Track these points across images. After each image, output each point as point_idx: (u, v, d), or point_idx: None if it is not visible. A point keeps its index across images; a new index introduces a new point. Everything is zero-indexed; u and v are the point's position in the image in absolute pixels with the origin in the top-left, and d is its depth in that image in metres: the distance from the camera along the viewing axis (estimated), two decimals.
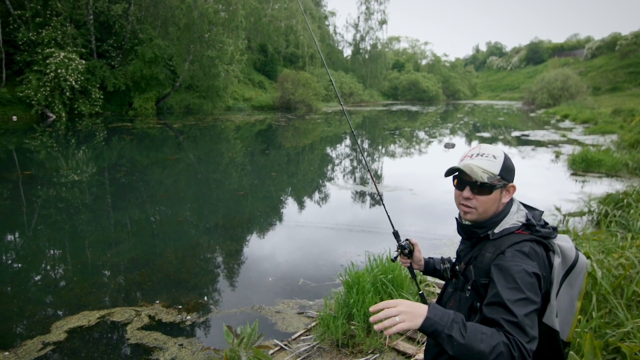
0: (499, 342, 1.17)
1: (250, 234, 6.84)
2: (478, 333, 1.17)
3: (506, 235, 1.39)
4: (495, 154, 1.42)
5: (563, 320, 1.38)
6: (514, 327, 1.21)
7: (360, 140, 19.64)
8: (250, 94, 37.60)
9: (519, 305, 1.22)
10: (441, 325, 1.18)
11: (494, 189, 1.40)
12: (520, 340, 1.18)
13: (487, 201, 1.41)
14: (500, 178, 1.40)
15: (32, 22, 23.94)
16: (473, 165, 1.39)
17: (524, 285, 1.24)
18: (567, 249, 1.38)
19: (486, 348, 1.15)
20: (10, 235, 6.57)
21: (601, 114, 26.14)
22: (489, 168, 1.39)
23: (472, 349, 1.15)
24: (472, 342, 1.15)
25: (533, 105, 44.71)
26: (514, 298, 1.23)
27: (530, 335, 1.20)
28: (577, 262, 1.38)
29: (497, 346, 1.15)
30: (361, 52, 59.75)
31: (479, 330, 1.19)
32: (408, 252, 1.82)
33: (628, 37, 56.78)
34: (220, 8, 28.97)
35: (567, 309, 1.38)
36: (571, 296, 1.38)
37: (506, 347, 1.17)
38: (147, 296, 4.51)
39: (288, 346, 3.57)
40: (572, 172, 11.16)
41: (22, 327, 3.96)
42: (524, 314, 1.21)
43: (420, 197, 8.50)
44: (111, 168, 11.64)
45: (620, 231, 5.13)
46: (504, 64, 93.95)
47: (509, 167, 1.41)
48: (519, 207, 1.47)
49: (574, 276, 1.38)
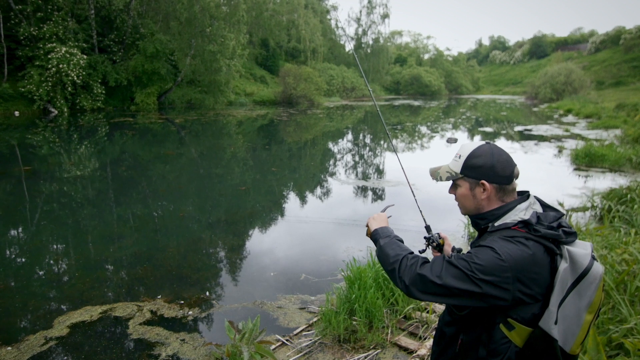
0: (406, 255, 1.44)
1: (252, 229, 6.83)
2: (396, 245, 1.51)
3: (502, 229, 1.40)
4: (462, 154, 1.50)
5: (567, 331, 1.30)
6: (437, 259, 1.38)
7: (361, 136, 19.60)
8: (252, 88, 37.51)
9: (459, 261, 1.33)
10: (380, 235, 1.60)
11: (462, 187, 1.50)
12: (428, 265, 1.36)
13: (460, 197, 1.52)
14: (464, 176, 1.48)
15: (33, 17, 23.87)
16: (443, 166, 1.56)
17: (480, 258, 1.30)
18: (580, 255, 1.30)
19: (392, 253, 1.47)
20: (13, 230, 6.59)
21: (605, 108, 25.99)
22: (453, 167, 1.52)
23: (383, 252, 1.51)
24: (386, 247, 1.51)
25: (536, 99, 44.50)
26: (463, 257, 1.35)
27: (441, 274, 1.32)
28: (588, 272, 1.29)
29: (399, 254, 1.44)
30: (363, 47, 59.49)
31: (399, 244, 1.52)
32: (436, 246, 1.81)
33: (632, 31, 56.35)
34: (221, 2, 28.83)
35: (572, 320, 1.30)
36: (579, 307, 1.30)
37: (407, 259, 1.41)
38: (149, 291, 4.52)
39: (290, 341, 3.57)
40: (575, 167, 11.11)
41: (25, 322, 3.97)
42: (455, 263, 1.32)
43: (422, 192, 8.47)
44: (113, 163, 11.65)
45: (623, 226, 5.10)
46: (507, 58, 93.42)
47: (473, 164, 1.46)
48: (531, 204, 1.43)
49: (584, 286, 1.29)
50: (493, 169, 1.43)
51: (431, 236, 1.82)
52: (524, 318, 1.32)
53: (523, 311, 1.31)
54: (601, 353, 2.40)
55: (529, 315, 1.32)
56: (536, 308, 1.32)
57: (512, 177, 1.45)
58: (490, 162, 1.44)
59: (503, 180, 1.44)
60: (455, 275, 1.30)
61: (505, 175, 1.44)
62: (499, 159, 1.44)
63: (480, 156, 1.45)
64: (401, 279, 1.38)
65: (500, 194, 1.45)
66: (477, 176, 1.45)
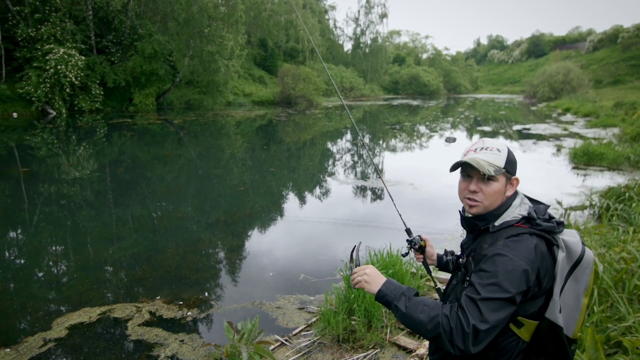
0: (439, 313, 1.26)
1: (251, 229, 6.83)
2: (420, 305, 1.30)
3: (505, 228, 1.40)
4: (500, 148, 1.43)
5: (569, 317, 1.36)
6: (469, 302, 1.25)
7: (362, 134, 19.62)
8: (251, 89, 37.48)
9: (487, 288, 1.24)
10: (391, 297, 1.36)
11: (499, 182, 1.41)
12: (468, 316, 1.22)
13: (493, 194, 1.42)
14: (506, 171, 1.42)
15: (31, 18, 23.83)
16: (479, 159, 1.40)
17: (502, 272, 1.25)
18: (573, 243, 1.36)
19: (425, 318, 1.27)
20: (12, 231, 6.57)
21: (603, 107, 26.02)
22: (495, 161, 1.40)
23: (412, 318, 1.29)
24: (412, 312, 1.30)
25: (534, 98, 44.51)
26: (486, 282, 1.25)
27: (485, 317, 1.21)
28: (583, 257, 1.35)
29: (435, 317, 1.25)
30: (361, 46, 59.46)
31: (422, 302, 1.31)
32: (418, 248, 1.81)
33: (630, 29, 56.37)
34: (219, 2, 28.82)
35: (572, 305, 1.36)
36: (577, 292, 1.36)
37: (445, 319, 1.24)
38: (148, 292, 4.52)
39: (289, 341, 3.57)
40: (573, 165, 11.13)
41: (24, 324, 3.97)
42: (487, 296, 1.23)
43: (421, 192, 8.48)
44: (112, 164, 11.64)
45: (621, 225, 5.11)
46: (505, 58, 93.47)
47: (512, 160, 1.43)
48: (522, 200, 1.47)
49: (580, 272, 1.36)
50: (516, 165, 1.46)
51: (413, 239, 1.83)
52: (532, 312, 1.35)
53: (532, 306, 1.35)
54: (599, 351, 2.40)
55: (536, 309, 1.35)
56: (542, 300, 1.36)
57: None
58: (515, 158, 1.46)
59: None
60: (496, 308, 1.23)
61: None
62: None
63: (512, 152, 1.46)
64: (453, 343, 1.22)
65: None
66: (514, 172, 1.45)
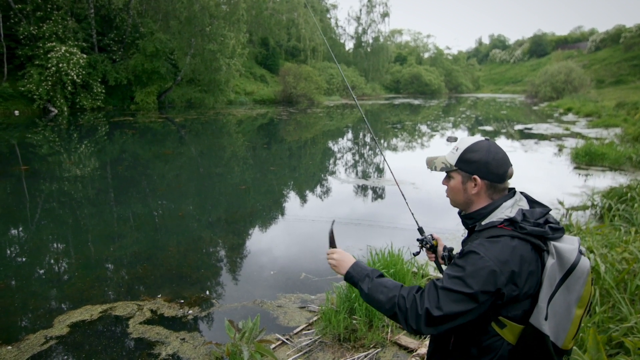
0: (397, 294, 1.36)
1: (252, 228, 6.83)
2: (381, 286, 1.41)
3: (489, 228, 1.40)
4: (459, 147, 1.51)
5: (558, 326, 1.31)
6: (432, 288, 1.32)
7: (361, 134, 19.58)
8: (252, 87, 37.47)
9: (452, 280, 1.30)
10: (356, 278, 1.49)
11: (454, 179, 1.51)
12: (425, 300, 1.30)
13: (451, 190, 1.53)
14: (459, 169, 1.48)
15: (32, 16, 23.84)
16: (437, 158, 1.56)
17: (469, 269, 1.29)
18: (566, 250, 1.32)
19: (384, 298, 1.38)
20: (13, 229, 6.58)
21: (605, 107, 25.97)
22: (448, 159, 1.52)
23: (373, 298, 1.41)
24: (373, 292, 1.41)
25: (536, 98, 44.42)
26: (453, 274, 1.31)
27: (440, 305, 1.27)
28: (576, 266, 1.30)
29: (392, 297, 1.36)
30: (363, 46, 59.41)
31: (382, 284, 1.42)
32: (430, 247, 1.81)
33: (632, 29, 56.27)
34: (221, 1, 28.80)
35: (563, 315, 1.31)
36: (568, 302, 1.31)
37: (402, 300, 1.34)
38: (149, 290, 4.52)
39: (290, 340, 3.57)
40: (575, 165, 11.10)
41: (25, 321, 3.97)
42: (449, 287, 1.28)
43: (422, 191, 8.48)
44: (113, 162, 11.65)
45: (623, 225, 5.10)
46: (507, 57, 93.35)
47: (468, 159, 1.46)
48: (517, 202, 1.44)
49: (573, 281, 1.31)
50: (487, 165, 1.44)
51: (424, 238, 1.83)
52: (515, 316, 1.33)
53: (514, 309, 1.33)
54: (601, 352, 2.40)
55: (519, 312, 1.33)
56: (526, 305, 1.33)
57: (505, 176, 1.45)
58: (485, 158, 1.44)
59: (495, 178, 1.44)
60: (455, 300, 1.27)
61: (499, 174, 1.44)
62: (494, 157, 1.44)
63: (477, 151, 1.46)
64: (407, 322, 1.33)
65: (490, 191, 1.46)
66: (471, 170, 1.46)
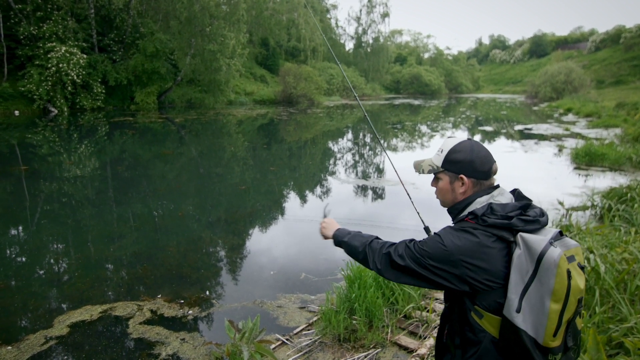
0: (372, 239, 1.61)
1: (252, 228, 6.83)
2: (358, 236, 1.67)
3: (460, 222, 1.48)
4: (444, 149, 1.55)
5: (535, 321, 1.28)
6: (402, 242, 1.52)
7: (362, 135, 19.58)
8: (252, 88, 37.48)
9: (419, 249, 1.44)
10: (340, 236, 1.74)
11: (442, 180, 1.56)
12: (391, 246, 1.52)
13: (440, 191, 1.59)
14: (446, 170, 1.54)
15: (33, 16, 23.85)
16: (424, 161, 1.62)
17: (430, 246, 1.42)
18: (534, 241, 1.29)
19: (358, 244, 1.63)
20: (13, 229, 6.58)
21: (605, 107, 25.97)
22: (434, 161, 1.58)
23: (350, 245, 1.66)
24: (351, 241, 1.67)
25: (536, 98, 44.43)
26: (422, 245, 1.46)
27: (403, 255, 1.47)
28: (542, 258, 1.26)
29: (365, 242, 1.61)
30: (363, 46, 59.42)
31: (360, 235, 1.68)
32: None
33: (632, 29, 56.26)
34: (221, 1, 28.81)
35: (538, 308, 1.27)
36: (541, 294, 1.27)
37: (375, 243, 1.59)
38: (149, 291, 4.52)
39: (290, 341, 3.57)
40: (575, 166, 11.10)
41: (25, 321, 3.97)
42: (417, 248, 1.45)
43: (421, 191, 8.45)
44: (113, 162, 11.65)
45: (623, 225, 5.10)
46: (507, 57, 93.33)
47: (454, 159, 1.51)
48: (493, 196, 1.45)
49: (542, 272, 1.27)
50: (472, 164, 1.49)
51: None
52: (489, 305, 1.36)
53: (486, 299, 1.36)
54: (601, 352, 2.40)
55: (492, 303, 1.35)
56: (498, 296, 1.34)
57: (490, 172, 1.50)
58: (469, 157, 1.49)
59: (480, 176, 1.49)
60: (413, 258, 1.44)
61: (484, 171, 1.49)
62: (478, 155, 1.49)
63: (461, 151, 1.51)
64: (373, 261, 1.54)
65: (476, 188, 1.50)
66: (457, 170, 1.51)
